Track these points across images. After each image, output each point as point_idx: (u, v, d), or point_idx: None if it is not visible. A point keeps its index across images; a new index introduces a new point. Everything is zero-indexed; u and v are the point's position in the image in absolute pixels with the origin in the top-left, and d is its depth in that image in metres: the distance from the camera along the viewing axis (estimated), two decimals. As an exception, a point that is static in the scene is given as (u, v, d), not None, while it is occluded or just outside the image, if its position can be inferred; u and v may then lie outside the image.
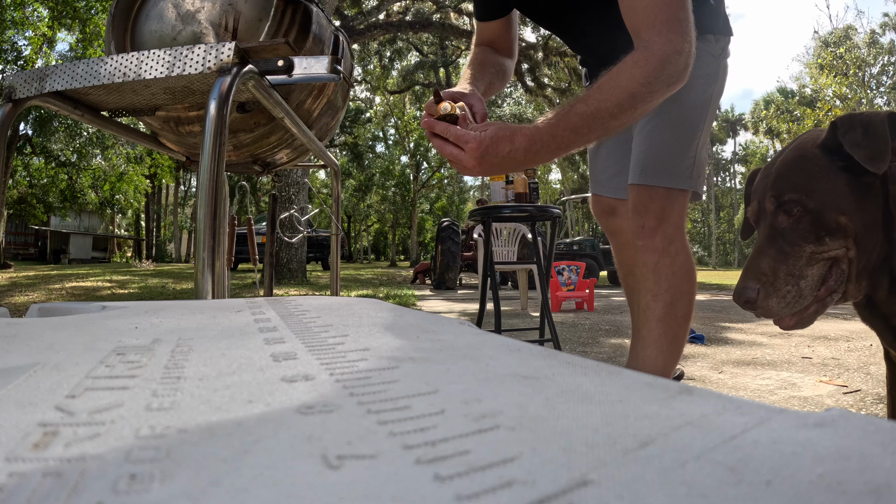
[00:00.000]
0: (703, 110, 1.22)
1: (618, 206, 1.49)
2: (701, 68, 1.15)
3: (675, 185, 1.21)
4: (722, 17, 1.24)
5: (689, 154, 1.22)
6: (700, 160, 1.23)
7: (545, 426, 0.19)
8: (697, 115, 1.21)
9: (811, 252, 0.73)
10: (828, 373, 2.09)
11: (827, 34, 19.14)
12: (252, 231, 2.08)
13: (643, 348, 1.23)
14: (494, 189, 2.44)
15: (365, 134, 26.11)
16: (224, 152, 1.12)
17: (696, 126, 1.22)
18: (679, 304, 1.19)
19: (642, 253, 1.21)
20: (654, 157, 1.22)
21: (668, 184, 1.21)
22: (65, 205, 17.78)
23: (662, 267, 1.19)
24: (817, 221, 0.73)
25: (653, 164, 1.22)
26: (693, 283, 1.22)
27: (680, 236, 1.21)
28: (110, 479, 0.15)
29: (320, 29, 1.57)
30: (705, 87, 1.20)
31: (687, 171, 1.21)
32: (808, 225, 0.73)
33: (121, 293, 5.71)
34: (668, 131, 1.21)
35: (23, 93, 1.24)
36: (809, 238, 0.73)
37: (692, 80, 1.05)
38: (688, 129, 1.21)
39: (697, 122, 1.21)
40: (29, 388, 0.23)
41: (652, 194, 1.22)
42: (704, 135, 1.23)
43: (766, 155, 39.72)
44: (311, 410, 0.20)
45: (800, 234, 0.73)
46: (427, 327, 0.40)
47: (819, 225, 0.73)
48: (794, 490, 0.14)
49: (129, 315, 0.46)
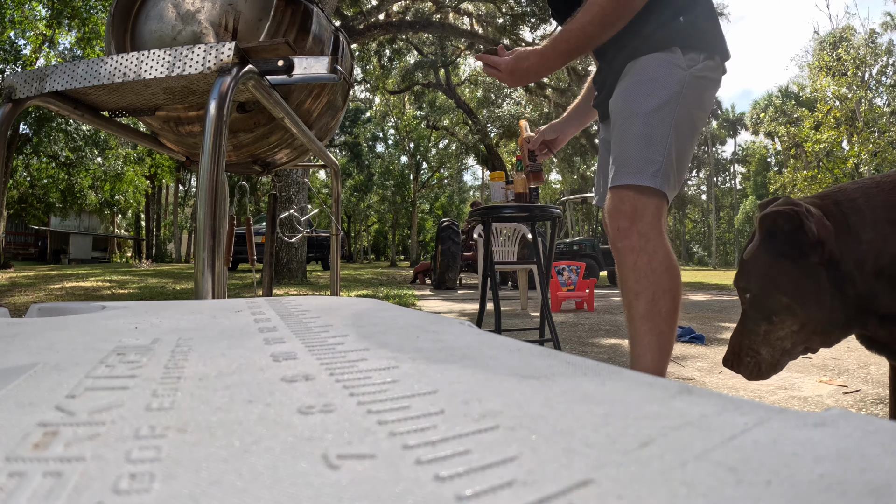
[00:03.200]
0: (668, 114, 1.28)
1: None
2: (663, 77, 1.29)
3: (643, 183, 1.25)
4: (700, 34, 1.31)
5: (657, 155, 1.26)
6: (670, 162, 1.28)
7: (545, 426, 0.19)
8: (660, 118, 1.28)
9: (765, 330, 0.86)
10: (828, 373, 2.09)
11: (826, 34, 19.15)
12: (251, 231, 2.08)
13: (632, 347, 1.25)
14: (494, 189, 2.44)
15: (365, 134, 26.10)
16: (224, 152, 1.12)
17: (659, 128, 1.28)
18: (661, 301, 1.20)
19: (622, 254, 1.25)
20: (621, 159, 1.30)
21: (637, 181, 1.25)
22: (65, 205, 17.78)
23: (641, 265, 1.21)
24: (764, 304, 0.86)
25: (620, 166, 1.29)
26: (675, 279, 1.22)
27: (656, 234, 1.23)
28: (110, 479, 0.15)
29: (320, 29, 1.57)
30: (666, 92, 1.28)
31: (655, 171, 1.26)
32: (757, 307, 0.87)
33: (121, 293, 5.71)
34: (632, 135, 1.30)
35: (23, 93, 1.24)
36: (761, 318, 0.87)
37: (652, 87, 1.30)
38: (651, 131, 1.27)
39: (661, 125, 1.28)
40: (29, 388, 0.23)
41: (623, 196, 1.27)
42: (675, 138, 1.28)
43: (766, 155, 39.74)
44: (311, 410, 0.20)
45: (753, 315, 0.87)
46: (427, 327, 0.40)
47: (765, 307, 0.86)
48: (794, 490, 0.14)
49: (129, 315, 0.46)
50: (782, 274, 0.84)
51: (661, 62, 1.30)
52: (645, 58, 1.31)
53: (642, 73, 1.31)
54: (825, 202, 0.87)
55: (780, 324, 0.85)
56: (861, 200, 0.84)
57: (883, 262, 0.80)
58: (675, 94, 1.29)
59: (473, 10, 14.26)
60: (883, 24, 21.41)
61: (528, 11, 13.62)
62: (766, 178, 26.83)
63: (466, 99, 20.26)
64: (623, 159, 1.29)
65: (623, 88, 1.34)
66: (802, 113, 16.92)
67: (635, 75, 1.32)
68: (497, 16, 14.16)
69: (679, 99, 1.29)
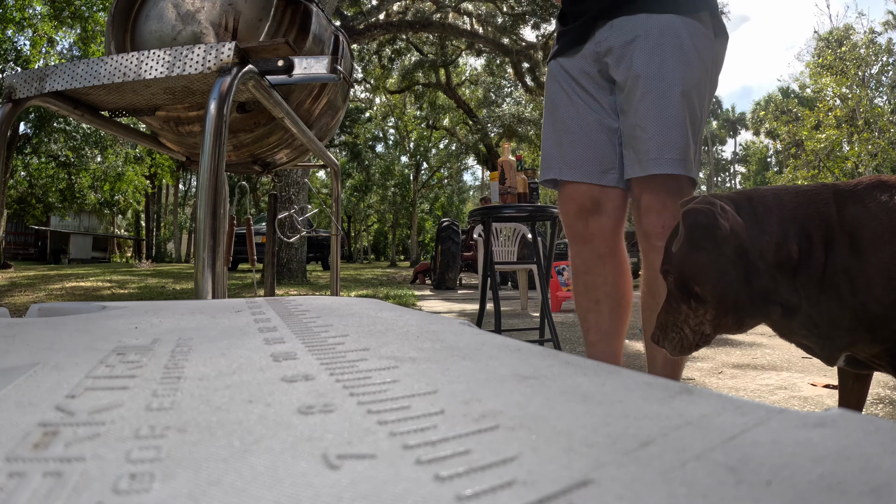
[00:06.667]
0: (705, 92, 1.16)
1: (604, 200, 1.28)
2: (701, 48, 1.13)
3: (691, 174, 1.15)
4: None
5: (692, 142, 1.15)
6: (698, 149, 1.18)
7: (545, 426, 0.19)
8: (699, 96, 1.15)
9: (685, 313, 0.93)
10: (828, 373, 2.09)
11: (826, 33, 19.14)
12: (251, 231, 2.08)
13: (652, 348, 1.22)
14: (494, 189, 2.44)
15: (365, 134, 26.11)
16: (224, 152, 1.12)
17: (698, 109, 1.15)
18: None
19: (659, 255, 1.11)
20: (662, 142, 1.12)
21: (687, 172, 1.13)
22: (64, 205, 17.78)
23: None
24: (683, 291, 0.93)
25: (663, 151, 1.12)
26: None
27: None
28: (110, 479, 0.15)
29: (320, 29, 1.57)
30: (701, 66, 1.15)
31: (693, 159, 1.16)
32: (679, 291, 0.94)
33: (121, 293, 5.71)
34: (672, 115, 1.12)
35: (23, 93, 1.24)
36: (682, 301, 0.94)
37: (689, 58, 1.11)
38: (693, 112, 1.14)
39: (700, 105, 1.16)
40: (29, 388, 0.23)
41: (672, 187, 1.13)
42: (702, 121, 1.19)
43: (767, 155, 39.73)
44: (311, 410, 0.20)
45: (676, 296, 0.95)
46: (427, 327, 0.40)
47: (684, 293, 0.93)
48: (794, 490, 0.14)
49: (129, 315, 0.46)
50: (697, 265, 0.90)
51: (696, 30, 1.13)
52: (675, 19, 1.12)
53: (675, 37, 1.12)
54: (740, 198, 0.94)
55: (697, 309, 0.92)
56: (770, 199, 0.92)
57: (782, 254, 0.87)
58: (705, 73, 1.16)
59: (473, 9, 14.26)
60: (884, 22, 21.41)
61: (528, 11, 13.62)
62: (765, 178, 26.84)
63: (466, 99, 20.27)
64: (665, 143, 1.12)
65: (653, 52, 1.12)
66: (804, 113, 16.91)
67: (666, 37, 1.12)
68: (497, 16, 14.16)
69: (706, 78, 1.17)
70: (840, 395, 1.08)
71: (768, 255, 0.88)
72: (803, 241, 0.87)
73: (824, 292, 0.86)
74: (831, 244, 0.86)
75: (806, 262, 0.87)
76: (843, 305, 0.85)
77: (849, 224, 0.86)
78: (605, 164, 1.25)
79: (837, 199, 0.88)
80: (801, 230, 0.88)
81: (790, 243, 0.88)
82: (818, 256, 0.87)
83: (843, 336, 0.88)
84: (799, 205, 0.90)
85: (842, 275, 0.85)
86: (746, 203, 0.92)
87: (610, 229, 1.27)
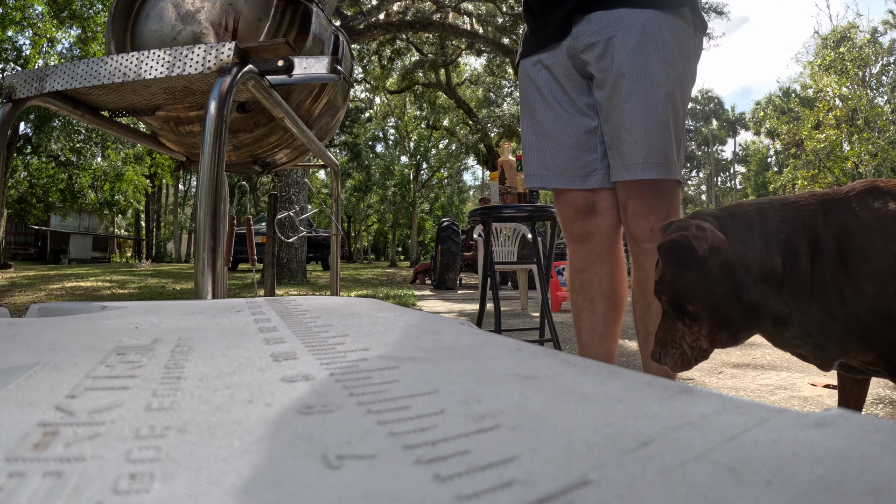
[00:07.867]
0: (687, 93, 1.16)
1: (596, 201, 1.27)
2: (682, 45, 1.12)
3: (676, 177, 1.15)
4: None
5: (676, 143, 1.15)
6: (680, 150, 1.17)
7: (545, 426, 0.19)
8: (682, 96, 1.14)
9: (681, 331, 0.95)
10: (828, 373, 2.08)
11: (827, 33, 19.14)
12: (251, 231, 2.08)
13: (646, 346, 1.22)
14: (494, 189, 2.44)
15: (365, 134, 26.12)
16: (224, 152, 1.12)
17: (681, 110, 1.15)
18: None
19: (650, 257, 1.13)
20: (649, 146, 1.11)
21: (672, 175, 1.13)
22: (65, 204, 17.79)
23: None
24: (676, 310, 0.95)
25: (650, 155, 1.11)
26: None
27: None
28: (110, 479, 0.15)
29: (320, 29, 1.57)
30: (683, 65, 1.13)
31: (678, 161, 1.16)
32: (672, 311, 0.96)
33: (121, 293, 5.71)
34: (657, 118, 1.11)
35: (23, 93, 1.24)
36: (677, 319, 0.95)
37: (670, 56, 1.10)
38: (675, 113, 1.13)
39: (682, 106, 1.15)
40: (29, 388, 0.23)
41: (660, 191, 1.14)
42: (683, 121, 1.18)
43: (767, 155, 39.72)
44: (311, 410, 0.20)
45: (672, 315, 0.96)
46: (427, 327, 0.40)
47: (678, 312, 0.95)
48: (794, 490, 0.14)
49: (129, 315, 0.46)
50: (687, 284, 0.92)
51: (678, 26, 1.12)
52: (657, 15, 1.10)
53: (658, 35, 1.10)
54: (723, 214, 0.96)
55: (692, 326, 0.94)
56: (753, 213, 0.93)
57: (766, 268, 0.88)
58: (687, 69, 1.15)
59: (473, 9, 14.26)
60: (884, 21, 21.41)
61: (529, 11, 13.58)
62: (766, 178, 26.83)
63: (466, 99, 20.26)
64: (651, 148, 1.11)
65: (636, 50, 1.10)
66: (804, 113, 16.89)
67: (649, 35, 1.10)
68: (497, 16, 14.16)
69: (689, 74, 1.16)
70: (840, 395, 1.09)
71: (753, 269, 0.89)
72: (788, 253, 0.88)
73: (814, 303, 0.87)
74: (819, 255, 0.87)
75: (791, 274, 0.88)
76: (834, 315, 0.86)
77: (837, 234, 0.87)
78: (588, 168, 1.24)
79: (826, 209, 0.89)
80: (785, 243, 0.89)
81: (774, 256, 0.89)
82: (804, 268, 0.87)
83: (835, 345, 0.89)
84: (784, 218, 0.91)
85: (831, 285, 0.86)
86: (729, 219, 0.94)
87: (607, 227, 1.27)
